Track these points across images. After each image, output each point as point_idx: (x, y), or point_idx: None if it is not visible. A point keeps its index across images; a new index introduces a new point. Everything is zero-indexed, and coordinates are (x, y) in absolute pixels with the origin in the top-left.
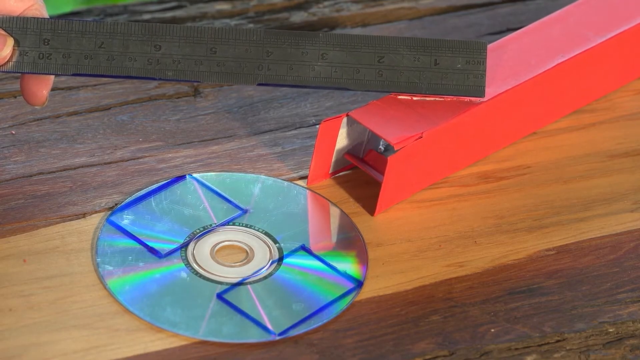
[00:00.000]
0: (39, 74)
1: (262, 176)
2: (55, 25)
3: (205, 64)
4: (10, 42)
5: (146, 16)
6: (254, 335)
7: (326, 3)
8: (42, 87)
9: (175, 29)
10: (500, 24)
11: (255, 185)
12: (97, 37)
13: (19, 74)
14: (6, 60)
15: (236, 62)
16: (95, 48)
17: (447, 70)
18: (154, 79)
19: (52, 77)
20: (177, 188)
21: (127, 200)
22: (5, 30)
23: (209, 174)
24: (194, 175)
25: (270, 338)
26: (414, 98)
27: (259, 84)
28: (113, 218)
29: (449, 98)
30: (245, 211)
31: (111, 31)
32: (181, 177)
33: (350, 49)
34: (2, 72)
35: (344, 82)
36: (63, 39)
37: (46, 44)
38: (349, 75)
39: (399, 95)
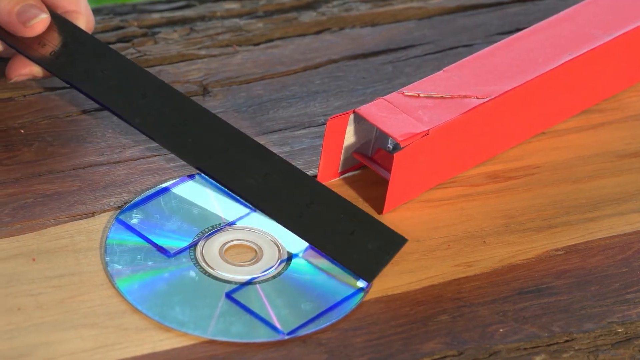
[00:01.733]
0: (39, 64)
1: None
2: (79, 34)
3: (171, 131)
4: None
5: (155, 15)
6: (263, 335)
7: (335, 2)
8: (22, 67)
9: (166, 88)
10: (510, 23)
11: None
12: (105, 61)
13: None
14: (44, 26)
15: (196, 145)
16: (97, 70)
17: (357, 244)
18: (121, 118)
19: (38, 68)
20: (186, 187)
21: (136, 200)
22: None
23: None
24: (201, 175)
25: (279, 337)
26: (421, 95)
27: (198, 169)
28: (122, 217)
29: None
30: (253, 210)
31: (118, 63)
32: (190, 176)
33: (291, 179)
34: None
35: (266, 208)
36: (79, 49)
37: (64, 46)
38: (274, 204)
39: (406, 91)
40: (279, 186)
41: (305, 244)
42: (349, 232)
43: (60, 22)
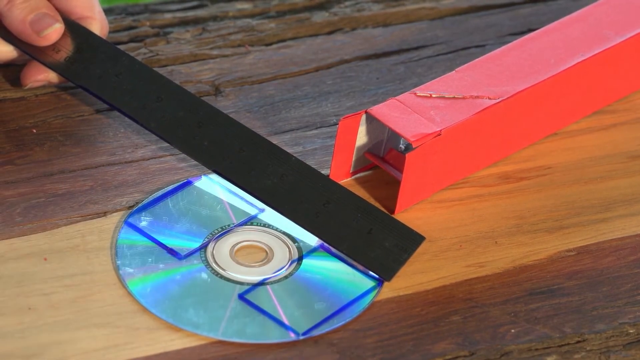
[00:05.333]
0: (54, 70)
1: None
2: (93, 40)
3: (186, 134)
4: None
5: (167, 15)
6: (277, 336)
7: (347, 3)
8: (37, 73)
9: (180, 91)
10: (522, 24)
11: None
12: (119, 66)
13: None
14: (58, 35)
15: (211, 147)
16: (112, 75)
17: (375, 242)
18: (137, 122)
19: (53, 74)
20: (193, 189)
21: (143, 202)
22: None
23: None
24: (210, 175)
25: (294, 338)
26: (433, 95)
27: (214, 171)
28: (131, 220)
29: (462, 100)
30: (262, 211)
31: (132, 67)
32: (196, 178)
33: (307, 179)
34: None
35: (283, 208)
36: (93, 54)
37: (78, 52)
38: (290, 204)
39: (418, 92)
40: (295, 186)
41: (316, 243)
42: (366, 231)
43: (74, 28)
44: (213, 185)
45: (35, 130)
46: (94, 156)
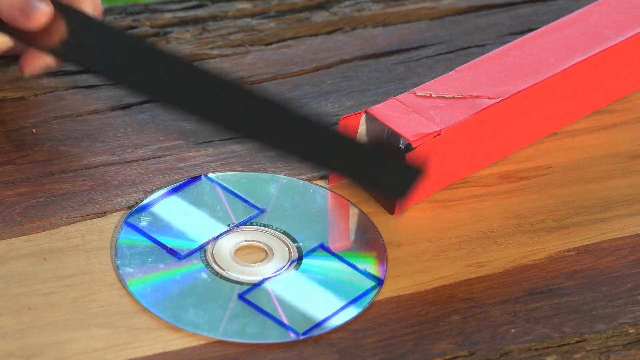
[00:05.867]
0: (50, 53)
1: (278, 175)
2: (84, 19)
3: (193, 98)
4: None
5: (167, 15)
6: (277, 336)
7: (347, 2)
8: (35, 60)
9: (178, 61)
10: (522, 24)
11: (272, 185)
12: (115, 42)
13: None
14: (47, 17)
15: (218, 110)
16: (109, 50)
17: (383, 170)
18: (139, 92)
19: (51, 59)
20: (193, 189)
21: (144, 202)
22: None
23: (225, 174)
24: (209, 175)
25: (294, 338)
26: (433, 95)
27: (224, 128)
28: (131, 220)
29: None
30: (262, 211)
31: (127, 42)
32: (196, 178)
33: (307, 126)
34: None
35: (287, 154)
36: (86, 33)
37: (71, 33)
38: (294, 149)
39: (418, 91)
40: (297, 134)
41: (316, 244)
42: (373, 163)
43: (64, 8)
44: (213, 185)
45: (35, 130)
46: (93, 156)
